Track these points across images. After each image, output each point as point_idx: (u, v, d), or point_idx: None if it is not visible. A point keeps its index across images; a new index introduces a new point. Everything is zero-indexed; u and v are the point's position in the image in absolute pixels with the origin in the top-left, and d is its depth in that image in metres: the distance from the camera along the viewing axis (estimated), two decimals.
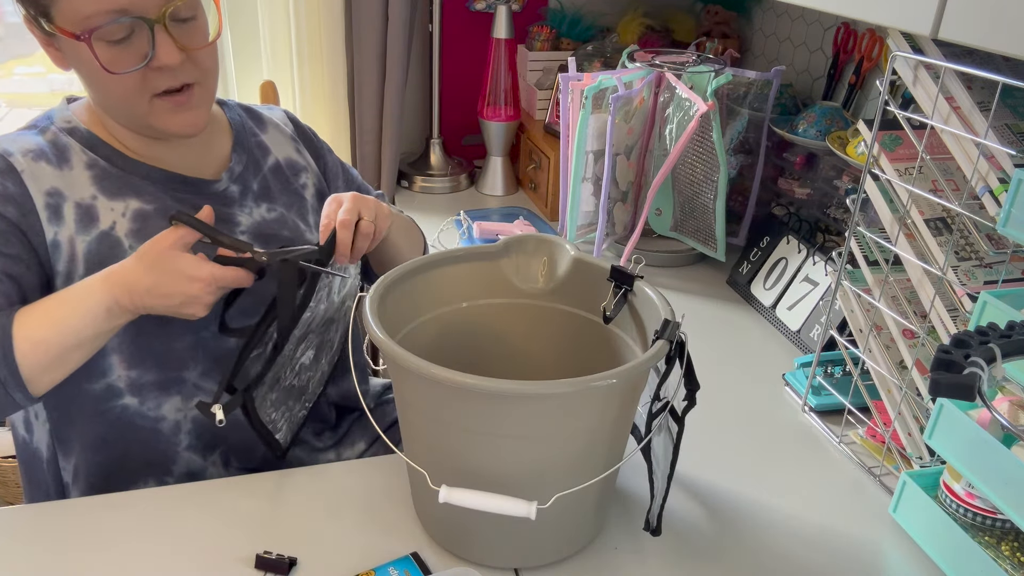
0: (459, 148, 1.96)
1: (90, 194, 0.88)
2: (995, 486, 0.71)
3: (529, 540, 0.79)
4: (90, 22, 0.79)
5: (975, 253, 0.87)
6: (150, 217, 0.90)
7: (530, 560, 0.81)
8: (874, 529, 0.88)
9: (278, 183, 1.03)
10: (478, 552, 0.81)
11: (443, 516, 0.81)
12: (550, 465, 0.74)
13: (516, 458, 0.73)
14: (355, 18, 1.70)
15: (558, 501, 0.71)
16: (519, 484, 0.74)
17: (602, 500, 0.82)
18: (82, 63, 0.83)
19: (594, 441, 0.75)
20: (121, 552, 0.81)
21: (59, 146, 0.89)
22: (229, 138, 1.01)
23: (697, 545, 0.85)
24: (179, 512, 0.86)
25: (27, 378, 0.80)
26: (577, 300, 0.91)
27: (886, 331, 0.96)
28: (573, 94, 1.34)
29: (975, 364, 0.66)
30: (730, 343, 1.23)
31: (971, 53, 0.84)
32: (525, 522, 0.72)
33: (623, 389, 0.74)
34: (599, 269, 0.88)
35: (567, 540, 0.81)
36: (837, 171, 1.31)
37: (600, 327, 0.89)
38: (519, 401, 0.69)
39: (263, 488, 0.90)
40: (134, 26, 0.80)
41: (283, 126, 1.08)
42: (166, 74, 0.84)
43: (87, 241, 0.87)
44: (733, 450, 1.00)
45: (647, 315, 0.83)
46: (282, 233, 1.00)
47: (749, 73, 1.40)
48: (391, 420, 1.16)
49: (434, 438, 0.76)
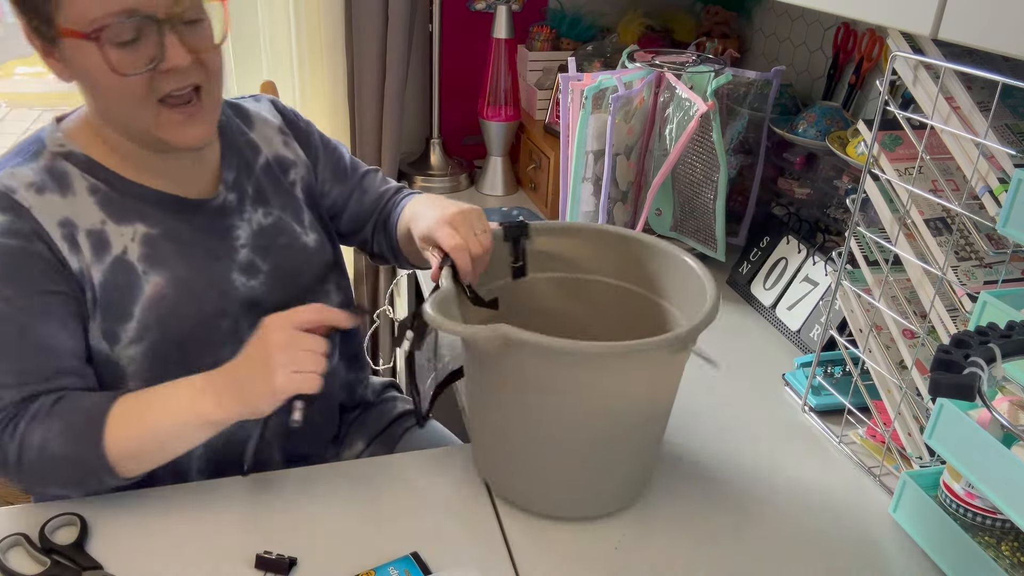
0: (459, 148, 1.96)
1: (99, 219, 0.86)
2: (995, 486, 0.71)
3: (591, 493, 0.87)
4: (98, 23, 0.77)
5: (975, 253, 0.87)
6: (158, 242, 0.89)
7: (591, 511, 0.88)
8: (874, 529, 0.88)
9: (270, 184, 1.01)
10: (545, 505, 0.88)
11: (514, 471, 0.88)
12: (624, 420, 0.82)
13: (596, 418, 0.81)
14: (355, 18, 1.70)
15: (626, 453, 0.84)
16: (595, 440, 0.82)
17: (649, 460, 0.90)
18: (87, 70, 0.81)
19: (655, 401, 0.84)
20: (121, 552, 0.81)
21: (58, 173, 0.86)
22: (218, 138, 0.99)
23: (696, 545, 0.85)
24: (179, 512, 0.86)
25: (120, 472, 0.82)
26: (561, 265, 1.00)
27: (886, 331, 0.96)
28: (573, 94, 1.34)
29: (975, 364, 0.66)
30: (730, 343, 1.23)
31: (971, 53, 0.84)
32: (590, 476, 0.84)
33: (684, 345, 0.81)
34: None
35: (624, 494, 0.90)
36: (837, 171, 1.31)
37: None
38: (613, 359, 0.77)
39: (263, 488, 0.90)
40: (142, 27, 0.79)
41: (271, 118, 1.06)
42: (174, 76, 0.82)
43: (102, 270, 0.86)
44: (733, 450, 1.00)
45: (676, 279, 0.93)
46: (279, 240, 0.98)
47: (749, 73, 1.40)
48: (390, 418, 1.16)
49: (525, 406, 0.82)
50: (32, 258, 0.82)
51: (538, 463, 0.85)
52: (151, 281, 0.88)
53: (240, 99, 1.07)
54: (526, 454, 0.85)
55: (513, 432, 0.84)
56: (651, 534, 0.86)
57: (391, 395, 1.22)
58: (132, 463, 0.82)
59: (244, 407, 0.80)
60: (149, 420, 0.81)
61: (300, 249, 1.00)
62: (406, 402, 1.21)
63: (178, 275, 0.89)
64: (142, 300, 0.87)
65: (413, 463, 0.96)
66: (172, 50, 0.80)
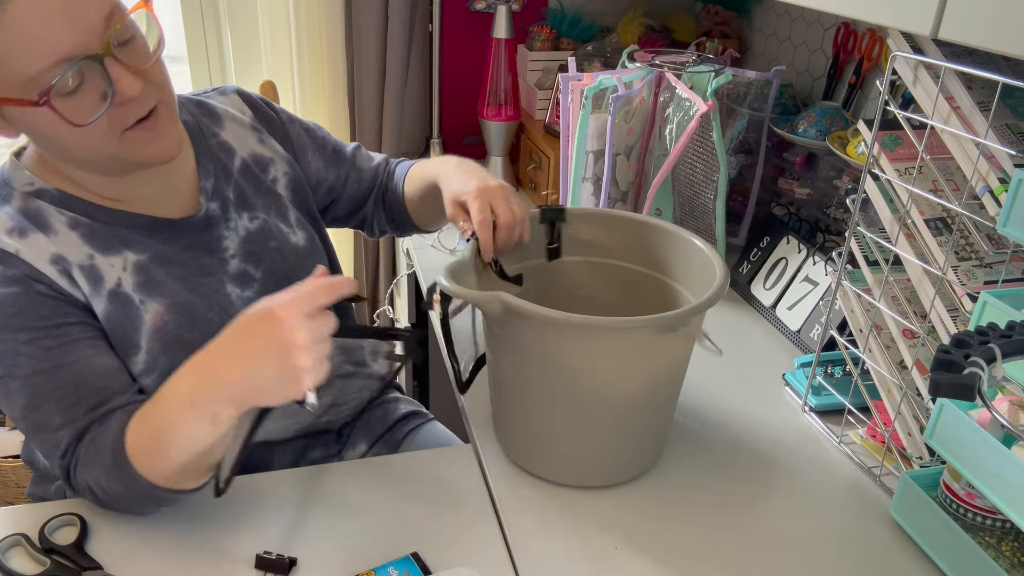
0: (459, 148, 1.96)
1: (86, 254, 0.83)
2: (995, 486, 0.71)
3: (603, 461, 0.91)
4: (39, 82, 0.71)
5: (975, 253, 0.87)
6: (149, 268, 0.87)
7: (601, 480, 0.93)
8: (874, 529, 0.88)
9: (250, 185, 0.98)
10: (559, 472, 0.93)
11: (528, 438, 0.93)
12: (636, 392, 0.86)
13: (611, 389, 0.85)
14: (355, 18, 1.70)
15: (637, 423, 0.88)
16: (611, 410, 0.86)
17: (660, 431, 0.94)
18: (39, 128, 0.76)
19: (672, 374, 0.89)
20: (121, 552, 0.81)
21: (33, 213, 0.82)
22: (190, 146, 0.94)
23: (696, 545, 0.85)
24: (179, 512, 0.86)
25: (175, 487, 0.79)
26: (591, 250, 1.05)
27: (886, 331, 0.96)
28: (573, 94, 1.34)
29: (975, 364, 0.66)
30: (730, 343, 1.23)
31: (971, 53, 0.84)
32: (604, 444, 0.88)
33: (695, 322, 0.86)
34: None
35: (635, 463, 0.94)
36: (837, 171, 1.31)
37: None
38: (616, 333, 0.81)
39: (263, 488, 0.90)
40: (84, 69, 0.73)
41: (240, 116, 1.01)
42: (132, 105, 0.77)
43: (102, 304, 0.83)
44: (733, 450, 1.00)
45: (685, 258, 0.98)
46: (269, 244, 0.97)
47: (749, 73, 1.40)
48: (393, 419, 1.16)
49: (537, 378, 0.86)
50: (37, 298, 0.80)
51: (539, 428, 0.90)
52: (150, 310, 0.86)
53: (204, 94, 1.01)
54: (528, 419, 0.91)
55: (518, 399, 0.90)
56: (650, 535, 0.86)
57: (393, 395, 1.22)
58: (177, 478, 0.77)
59: (261, 403, 0.73)
60: (167, 440, 0.75)
61: (291, 251, 0.99)
62: (409, 403, 1.21)
63: (176, 300, 0.87)
64: (145, 330, 0.85)
65: (413, 463, 0.96)
66: (121, 81, 0.74)
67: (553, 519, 0.88)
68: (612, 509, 0.89)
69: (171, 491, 0.78)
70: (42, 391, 0.79)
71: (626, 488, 0.92)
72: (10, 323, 0.79)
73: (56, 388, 0.79)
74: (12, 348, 0.79)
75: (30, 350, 0.79)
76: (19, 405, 0.80)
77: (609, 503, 0.90)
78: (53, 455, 0.80)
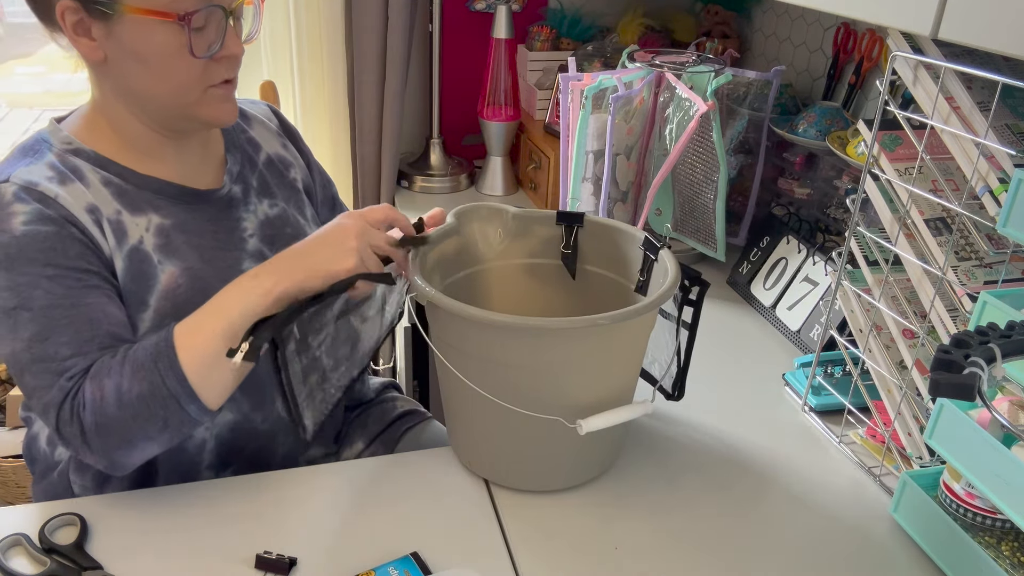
0: (459, 148, 1.96)
1: (115, 209, 0.88)
2: (995, 486, 0.71)
3: (569, 465, 0.91)
4: (179, 5, 0.80)
5: (975, 253, 0.87)
6: (171, 232, 0.90)
7: (566, 482, 0.92)
8: (874, 529, 0.88)
9: (273, 177, 1.03)
10: (528, 480, 0.92)
11: (494, 452, 0.92)
12: (591, 394, 0.85)
13: (568, 389, 0.84)
14: (355, 18, 1.70)
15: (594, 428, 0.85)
16: (570, 410, 0.84)
17: (620, 431, 0.92)
18: (144, 48, 0.82)
19: (625, 372, 0.89)
20: (121, 552, 0.81)
21: (71, 167, 0.87)
22: (220, 137, 1.01)
23: (696, 545, 0.85)
24: (179, 512, 0.86)
25: (203, 395, 0.80)
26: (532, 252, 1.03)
27: (886, 331, 0.96)
28: (573, 94, 1.34)
29: (975, 364, 0.66)
30: (730, 343, 1.23)
31: (971, 53, 0.84)
32: (568, 449, 0.88)
33: (643, 324, 0.87)
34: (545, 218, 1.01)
35: (597, 463, 0.94)
36: (837, 171, 1.31)
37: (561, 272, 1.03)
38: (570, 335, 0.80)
39: (263, 488, 0.91)
40: (211, 15, 0.82)
41: (268, 122, 1.08)
42: (225, 64, 0.87)
43: (122, 258, 0.87)
44: (733, 450, 1.00)
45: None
46: (285, 231, 1.00)
47: (749, 73, 1.40)
48: (391, 418, 1.16)
49: (490, 379, 0.84)
50: (68, 240, 0.83)
51: (483, 429, 0.90)
52: (166, 271, 0.89)
53: (237, 100, 1.06)
54: (473, 421, 0.90)
55: (463, 401, 0.89)
56: (650, 536, 0.86)
57: (391, 395, 1.22)
58: (211, 382, 0.80)
59: (306, 274, 0.81)
60: (216, 318, 0.80)
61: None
62: (406, 402, 1.21)
63: (191, 266, 0.90)
64: (158, 290, 0.88)
65: (413, 463, 0.96)
66: (232, 39, 0.85)
67: (553, 518, 0.88)
68: (612, 508, 0.89)
69: (194, 394, 0.79)
70: (55, 324, 0.81)
71: (625, 488, 0.92)
72: (38, 257, 0.81)
73: (71, 323, 0.81)
74: (33, 281, 0.81)
75: (50, 285, 0.81)
76: (25, 336, 0.80)
77: (609, 503, 0.90)
78: (53, 384, 0.80)
